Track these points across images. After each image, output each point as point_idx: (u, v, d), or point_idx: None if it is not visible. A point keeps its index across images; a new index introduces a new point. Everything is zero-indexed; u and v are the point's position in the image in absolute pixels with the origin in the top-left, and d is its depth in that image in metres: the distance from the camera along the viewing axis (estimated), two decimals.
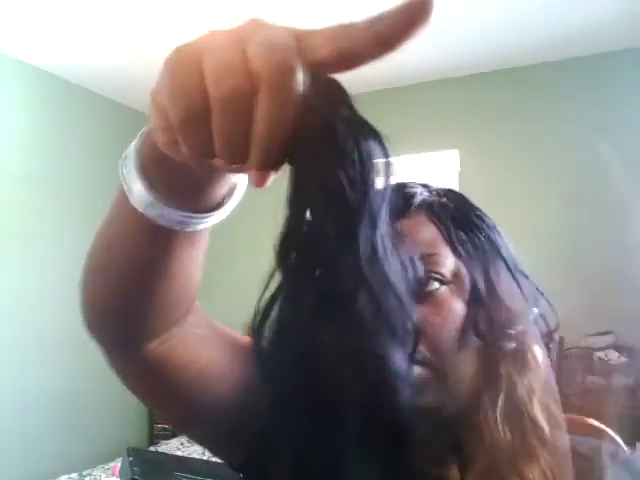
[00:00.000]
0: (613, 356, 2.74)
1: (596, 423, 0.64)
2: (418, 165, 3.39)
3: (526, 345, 0.53)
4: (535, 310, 0.54)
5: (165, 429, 3.60)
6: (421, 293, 0.51)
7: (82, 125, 3.31)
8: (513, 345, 0.52)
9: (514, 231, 2.86)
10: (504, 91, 3.24)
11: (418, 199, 0.56)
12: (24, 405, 2.85)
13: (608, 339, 2.80)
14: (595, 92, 3.04)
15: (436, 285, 0.52)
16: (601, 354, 2.77)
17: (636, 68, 2.97)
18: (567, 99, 3.10)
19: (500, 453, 0.50)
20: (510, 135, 3.21)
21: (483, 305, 0.52)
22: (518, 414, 0.51)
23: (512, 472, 0.49)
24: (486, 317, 0.51)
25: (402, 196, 0.57)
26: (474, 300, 0.52)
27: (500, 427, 0.50)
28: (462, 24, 2.68)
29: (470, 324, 0.51)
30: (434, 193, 0.59)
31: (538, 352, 0.54)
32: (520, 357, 0.52)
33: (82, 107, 3.33)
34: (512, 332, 0.52)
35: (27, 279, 2.93)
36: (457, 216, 0.56)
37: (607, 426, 0.64)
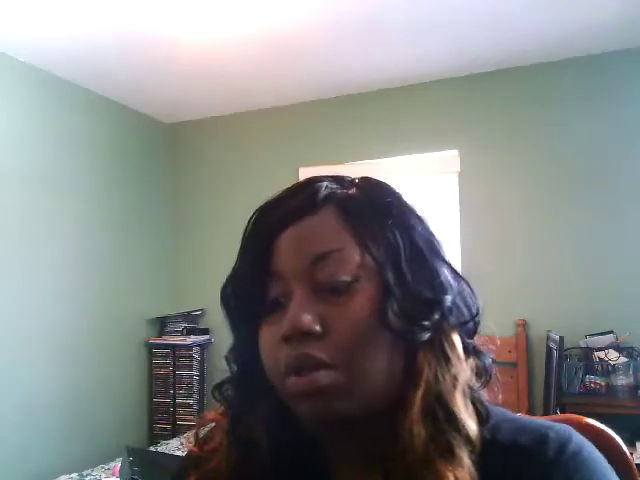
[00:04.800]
0: (613, 356, 2.74)
1: (596, 423, 0.64)
2: (418, 165, 3.40)
3: (443, 335, 0.51)
4: (449, 298, 0.51)
5: (165, 429, 3.57)
6: (325, 291, 0.51)
7: (82, 125, 3.31)
8: (427, 336, 0.50)
9: (514, 230, 2.86)
10: (504, 91, 3.24)
11: (322, 194, 0.54)
12: (25, 405, 2.85)
13: (608, 339, 2.80)
14: (595, 92, 3.04)
15: (343, 282, 0.50)
16: (601, 354, 2.77)
17: (636, 68, 2.98)
18: (567, 99, 3.11)
19: (415, 454, 0.46)
20: (510, 135, 3.21)
21: (394, 297, 0.50)
22: (437, 411, 0.48)
23: (430, 473, 0.45)
24: (398, 310, 0.49)
25: (306, 192, 0.55)
26: (384, 293, 0.50)
27: (416, 427, 0.47)
28: (462, 24, 2.68)
29: (381, 319, 0.49)
30: (345, 185, 0.57)
31: (457, 341, 0.51)
32: (438, 348, 0.50)
33: (82, 107, 3.33)
34: (426, 323, 0.50)
35: (29, 279, 2.93)
36: (365, 206, 0.54)
37: (607, 426, 0.64)
